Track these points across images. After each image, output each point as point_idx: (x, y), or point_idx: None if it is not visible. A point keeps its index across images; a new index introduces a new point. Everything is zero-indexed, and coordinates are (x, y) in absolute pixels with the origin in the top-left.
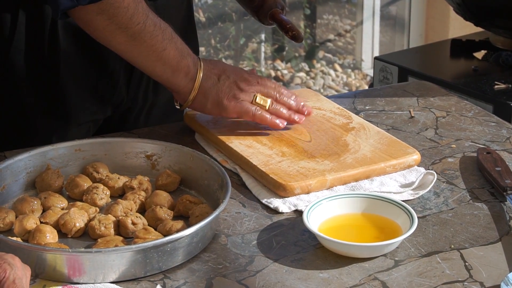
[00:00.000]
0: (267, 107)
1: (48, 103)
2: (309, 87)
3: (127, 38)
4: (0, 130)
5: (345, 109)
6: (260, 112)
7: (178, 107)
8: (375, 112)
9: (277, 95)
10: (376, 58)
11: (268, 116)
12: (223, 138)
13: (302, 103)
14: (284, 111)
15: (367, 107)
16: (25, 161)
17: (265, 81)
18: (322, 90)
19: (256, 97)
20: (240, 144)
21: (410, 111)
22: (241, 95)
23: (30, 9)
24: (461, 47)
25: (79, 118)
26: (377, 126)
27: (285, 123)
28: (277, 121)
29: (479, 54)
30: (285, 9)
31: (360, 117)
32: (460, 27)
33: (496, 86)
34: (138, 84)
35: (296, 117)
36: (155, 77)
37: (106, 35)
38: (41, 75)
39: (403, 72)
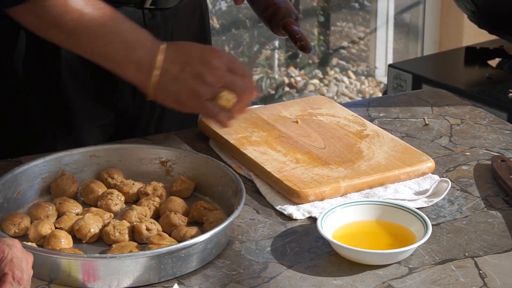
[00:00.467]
0: (231, 105)
1: (51, 107)
2: (323, 94)
3: (63, 35)
4: (3, 135)
5: (359, 116)
6: (220, 116)
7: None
8: (389, 119)
9: (242, 88)
10: (390, 66)
11: (224, 120)
12: (237, 144)
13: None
14: (243, 108)
15: (381, 114)
16: (40, 167)
17: (235, 67)
18: (335, 97)
19: (220, 97)
20: (254, 151)
21: (424, 119)
22: (204, 92)
23: None
24: (475, 55)
25: (83, 123)
26: (391, 134)
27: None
28: (229, 122)
29: (493, 62)
30: (299, 19)
31: (374, 124)
32: (474, 35)
33: (510, 94)
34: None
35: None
36: (112, 71)
37: (42, 33)
38: (43, 80)
39: (417, 79)
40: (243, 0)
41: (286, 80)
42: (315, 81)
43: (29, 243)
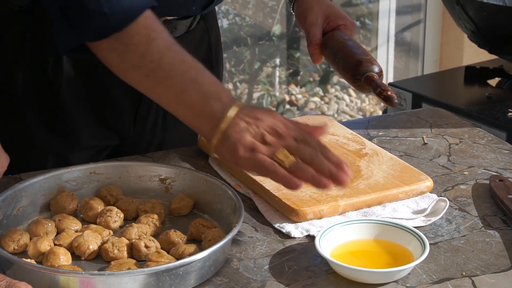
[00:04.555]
0: (286, 164)
1: (50, 123)
2: (323, 112)
3: (141, 77)
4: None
5: (358, 135)
6: (274, 168)
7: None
8: (388, 138)
9: (313, 156)
10: (390, 84)
11: (283, 172)
12: None
13: (342, 169)
14: (309, 173)
15: (380, 133)
16: (40, 184)
17: (307, 139)
18: (336, 115)
19: (279, 152)
20: None
21: (423, 138)
22: (261, 148)
23: (37, 31)
24: (475, 74)
25: (82, 141)
26: (390, 152)
27: (302, 184)
28: (294, 179)
29: (493, 82)
30: (382, 73)
31: (373, 143)
32: (475, 54)
33: (509, 114)
34: (145, 119)
35: (324, 181)
36: (181, 120)
37: (121, 73)
38: (44, 98)
39: (417, 98)
40: (321, 59)
41: (287, 98)
42: (316, 99)
43: (28, 260)
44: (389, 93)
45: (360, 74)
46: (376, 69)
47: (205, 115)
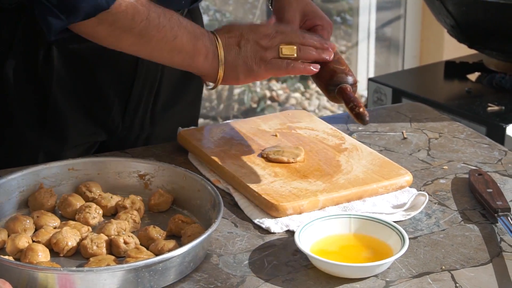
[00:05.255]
0: (295, 55)
1: (40, 119)
2: (304, 108)
3: (134, 38)
4: None
5: (338, 130)
6: (292, 65)
7: (209, 87)
8: (368, 133)
9: (300, 38)
10: (370, 80)
11: (300, 66)
12: (216, 158)
13: (323, 40)
14: (312, 52)
15: (360, 128)
16: (18, 180)
17: (283, 28)
18: (317, 111)
19: (282, 49)
20: (232, 164)
21: (402, 133)
22: (267, 54)
23: (27, 26)
24: (455, 69)
25: (72, 138)
26: (370, 147)
27: (319, 66)
28: (311, 67)
29: (473, 76)
30: (356, 84)
31: (353, 138)
32: (455, 49)
33: (489, 108)
34: (134, 114)
35: (325, 55)
36: (177, 67)
37: (113, 40)
38: (33, 92)
39: (397, 93)
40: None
41: (268, 94)
42: (297, 94)
43: (6, 257)
44: (361, 109)
45: (333, 85)
46: (351, 80)
47: (199, 52)
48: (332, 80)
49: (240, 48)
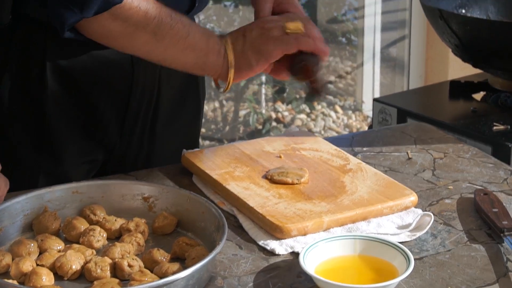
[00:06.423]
0: (302, 29)
1: (36, 140)
2: (310, 129)
3: (148, 35)
4: None
5: (342, 151)
6: (302, 37)
7: (221, 90)
8: (372, 153)
9: (304, 19)
10: (375, 100)
11: (309, 39)
12: (220, 179)
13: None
14: (316, 28)
15: (364, 149)
16: (22, 204)
17: (283, 14)
18: (322, 132)
19: (287, 25)
20: (237, 186)
21: (407, 153)
22: (273, 33)
23: (20, 46)
24: (460, 89)
25: (69, 157)
26: (375, 168)
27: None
28: (323, 45)
29: (478, 96)
30: (320, 62)
31: (358, 158)
32: (460, 69)
33: (494, 127)
34: (131, 132)
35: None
36: (190, 68)
37: (127, 39)
38: (29, 113)
39: (402, 113)
40: None
41: (274, 115)
42: (302, 115)
43: (10, 281)
44: (315, 85)
45: (296, 62)
46: (315, 60)
47: (212, 49)
48: (296, 59)
49: (245, 36)
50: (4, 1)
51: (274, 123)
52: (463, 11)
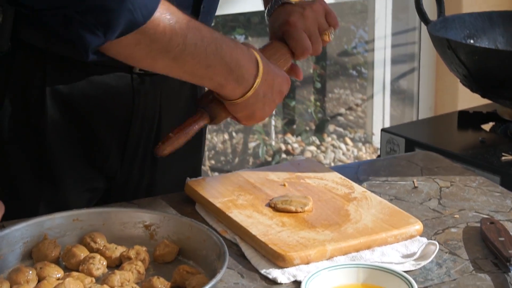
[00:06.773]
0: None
1: (37, 169)
2: (320, 161)
3: (169, 61)
4: None
5: (347, 179)
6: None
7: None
8: (378, 182)
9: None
10: (383, 130)
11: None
12: (223, 208)
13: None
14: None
15: (370, 177)
16: (22, 231)
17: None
18: (332, 164)
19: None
20: (239, 214)
21: (413, 181)
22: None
23: (19, 73)
24: (468, 119)
25: (69, 185)
26: (380, 196)
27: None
28: None
29: (487, 126)
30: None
31: (363, 187)
32: (469, 99)
33: (503, 158)
34: (132, 159)
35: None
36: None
37: (148, 62)
38: (28, 138)
39: (410, 143)
40: None
41: (283, 147)
42: (312, 147)
43: None
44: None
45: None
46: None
47: (232, 82)
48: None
49: (263, 97)
50: (3, 28)
51: (283, 155)
52: (472, 41)
